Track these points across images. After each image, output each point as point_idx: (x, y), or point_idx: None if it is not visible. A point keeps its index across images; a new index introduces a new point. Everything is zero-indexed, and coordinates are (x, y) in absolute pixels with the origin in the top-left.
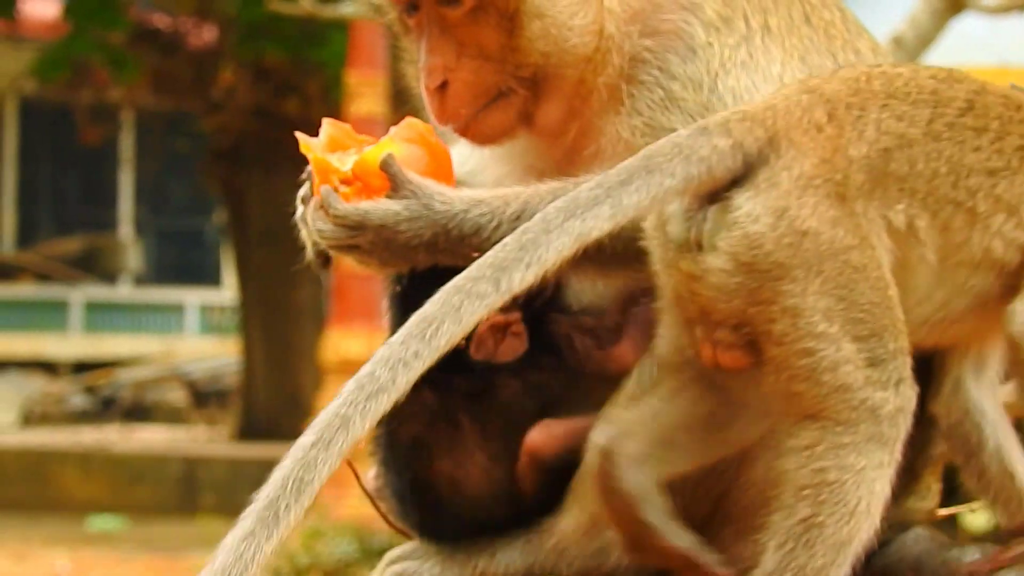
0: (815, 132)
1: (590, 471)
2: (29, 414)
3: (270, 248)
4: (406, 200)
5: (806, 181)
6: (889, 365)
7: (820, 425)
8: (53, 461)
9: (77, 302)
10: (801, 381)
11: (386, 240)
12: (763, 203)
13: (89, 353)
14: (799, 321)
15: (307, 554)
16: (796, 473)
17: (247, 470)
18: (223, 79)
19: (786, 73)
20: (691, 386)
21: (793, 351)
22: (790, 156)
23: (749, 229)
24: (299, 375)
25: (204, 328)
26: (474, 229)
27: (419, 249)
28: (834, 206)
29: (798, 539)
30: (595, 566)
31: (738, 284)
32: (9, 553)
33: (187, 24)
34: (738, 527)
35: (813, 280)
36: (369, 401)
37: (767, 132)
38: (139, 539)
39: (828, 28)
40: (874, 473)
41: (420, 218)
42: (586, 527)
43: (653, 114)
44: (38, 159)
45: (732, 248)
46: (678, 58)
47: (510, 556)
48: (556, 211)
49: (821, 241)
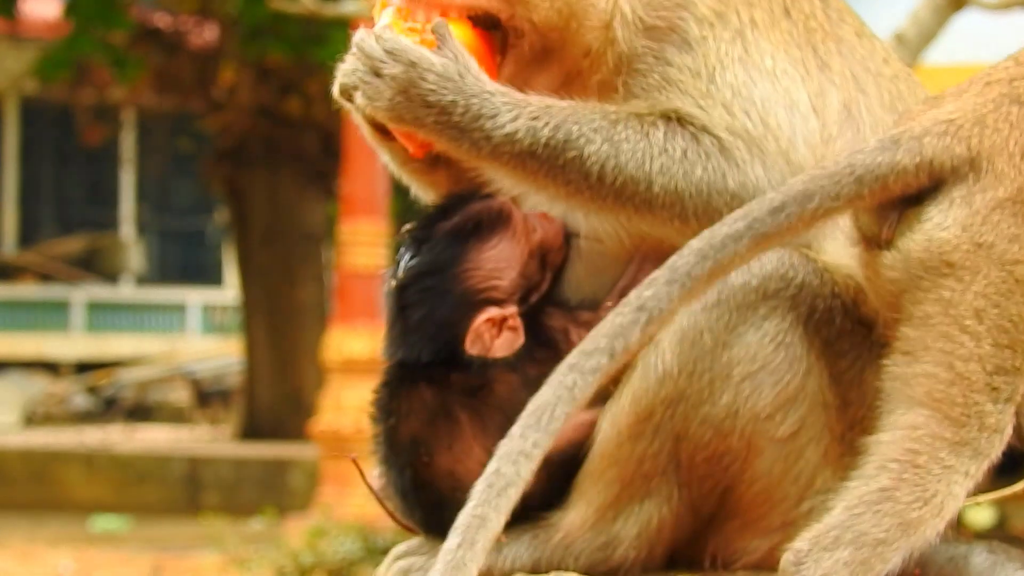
0: (1019, 159)
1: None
2: (32, 414)
3: (272, 247)
4: (445, 59)
5: (998, 203)
6: (1009, 378)
7: (930, 414)
8: (56, 461)
9: (79, 302)
10: (932, 364)
11: (408, 81)
12: (953, 216)
13: (91, 353)
14: (951, 310)
15: (311, 553)
16: (888, 446)
17: (250, 470)
18: (225, 79)
19: (777, 66)
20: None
21: (935, 334)
22: (989, 180)
23: (934, 235)
24: (302, 374)
25: (206, 328)
26: (492, 112)
27: (432, 110)
28: (1016, 224)
29: (870, 506)
30: (602, 559)
31: (905, 277)
32: (13, 553)
33: (188, 23)
34: (744, 520)
35: (978, 282)
36: (499, 497)
37: (970, 152)
38: (143, 539)
39: (807, 21)
40: (958, 477)
41: (449, 79)
42: (592, 521)
43: (650, 95)
44: (40, 159)
45: (911, 248)
46: (674, 49)
47: (516, 551)
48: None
49: (994, 252)
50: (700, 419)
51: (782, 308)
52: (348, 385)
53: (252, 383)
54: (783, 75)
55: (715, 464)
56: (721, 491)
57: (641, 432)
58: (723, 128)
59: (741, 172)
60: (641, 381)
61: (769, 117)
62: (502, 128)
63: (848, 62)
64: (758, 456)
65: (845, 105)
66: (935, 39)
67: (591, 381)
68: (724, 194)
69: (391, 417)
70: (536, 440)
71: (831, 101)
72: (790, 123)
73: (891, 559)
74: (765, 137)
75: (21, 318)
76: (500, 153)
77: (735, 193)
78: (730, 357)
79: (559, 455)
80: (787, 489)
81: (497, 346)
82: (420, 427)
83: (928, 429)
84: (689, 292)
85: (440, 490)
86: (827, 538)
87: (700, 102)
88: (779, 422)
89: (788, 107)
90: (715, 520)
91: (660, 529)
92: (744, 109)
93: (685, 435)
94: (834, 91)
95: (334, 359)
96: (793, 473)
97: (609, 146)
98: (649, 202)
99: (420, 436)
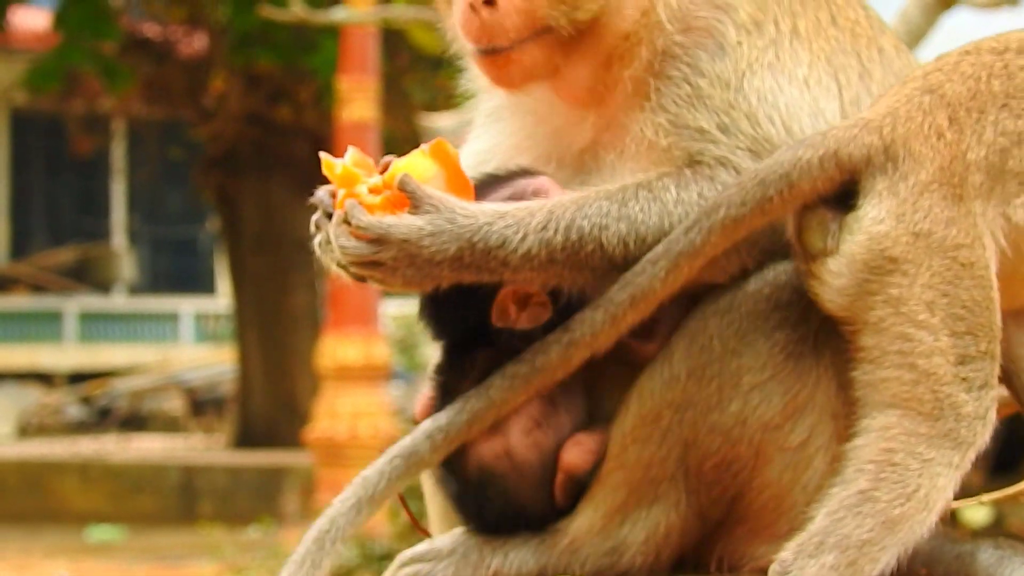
0: (935, 139)
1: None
2: (26, 425)
3: (264, 255)
4: (428, 215)
5: (923, 187)
6: (977, 364)
7: (901, 412)
8: (51, 472)
9: (72, 312)
10: (893, 367)
11: (410, 256)
12: (885, 208)
13: (85, 363)
14: (901, 308)
15: None
16: (863, 450)
17: (246, 477)
18: (215, 87)
19: (811, 75)
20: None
21: (890, 336)
22: (908, 165)
23: (872, 231)
24: (296, 382)
25: (199, 336)
26: (500, 241)
27: (444, 265)
28: (949, 207)
29: (850, 509)
30: (608, 564)
31: (853, 283)
32: (10, 565)
33: (178, 33)
34: (752, 527)
35: (922, 274)
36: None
37: (883, 140)
38: (139, 548)
39: (854, 27)
40: (941, 469)
41: (444, 232)
42: (600, 526)
43: (679, 111)
44: (30, 170)
45: (853, 251)
46: (707, 55)
47: (523, 556)
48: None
49: (933, 240)
50: (709, 426)
51: (793, 318)
52: (342, 392)
53: (246, 391)
54: (816, 84)
55: (724, 471)
56: (730, 498)
57: (648, 436)
58: (743, 149)
59: None
60: (647, 382)
61: (793, 124)
62: (515, 252)
63: (887, 73)
64: (767, 464)
65: None
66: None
67: (507, 384)
68: None
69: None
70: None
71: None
72: (813, 130)
73: (881, 558)
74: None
75: (14, 329)
76: (522, 271)
77: None
78: (739, 364)
79: (590, 473)
80: (795, 497)
81: (523, 319)
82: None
83: (901, 427)
84: (613, 318)
85: (487, 467)
86: (810, 545)
87: (724, 118)
88: (788, 431)
89: (813, 115)
90: (723, 526)
91: (668, 534)
92: (768, 115)
93: (694, 441)
94: (870, 102)
95: (328, 366)
96: (802, 482)
97: (626, 224)
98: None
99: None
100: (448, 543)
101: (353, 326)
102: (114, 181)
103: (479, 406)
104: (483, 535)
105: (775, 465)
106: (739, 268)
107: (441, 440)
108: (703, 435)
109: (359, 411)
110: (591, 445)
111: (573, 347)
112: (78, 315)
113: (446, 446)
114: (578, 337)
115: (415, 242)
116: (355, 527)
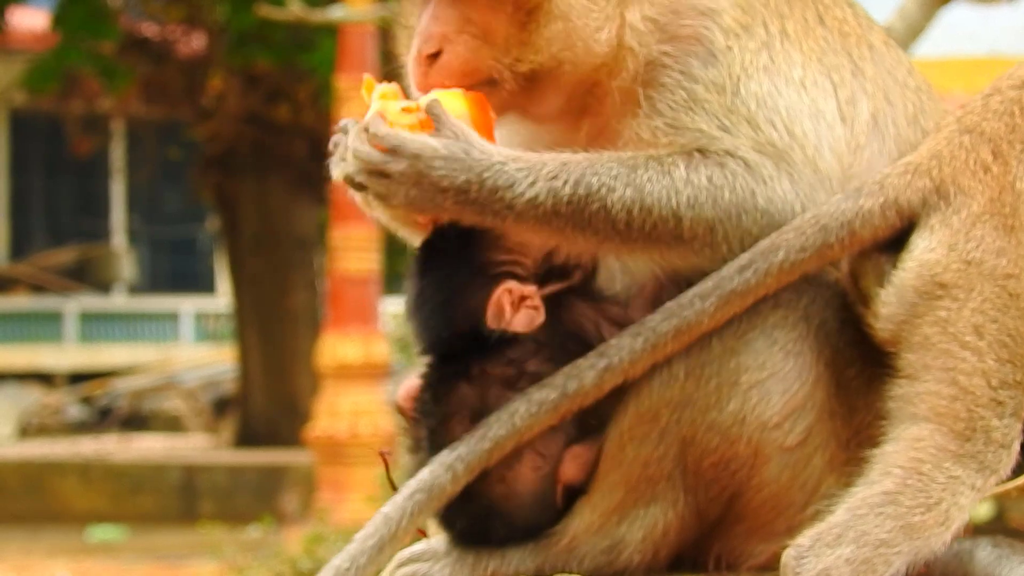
0: (982, 173)
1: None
2: (26, 426)
3: (264, 254)
4: (446, 139)
5: (975, 218)
6: (1012, 392)
7: (934, 427)
8: (52, 473)
9: (72, 313)
10: (934, 381)
11: (418, 174)
12: (937, 239)
13: (85, 363)
14: (949, 328)
15: (309, 558)
16: (892, 456)
17: (246, 477)
18: (213, 86)
19: (807, 76)
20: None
21: (935, 352)
22: (960, 200)
23: (923, 259)
24: (296, 381)
25: (199, 336)
26: (509, 183)
27: (448, 193)
28: (1000, 237)
29: (872, 507)
30: (606, 563)
31: (901, 309)
32: (11, 566)
33: (176, 32)
34: (750, 525)
35: (973, 299)
36: (408, 500)
37: (933, 181)
38: (140, 548)
39: (842, 26)
40: (964, 489)
41: (456, 159)
42: (598, 525)
43: (676, 115)
44: (30, 170)
45: (903, 279)
46: (699, 62)
47: (521, 556)
48: (658, 313)
49: (984, 268)
50: (707, 425)
51: (793, 318)
52: (342, 391)
53: (246, 390)
54: (812, 85)
55: (722, 470)
56: (728, 497)
57: (646, 435)
58: (748, 147)
59: (769, 188)
60: (645, 381)
61: (795, 126)
62: (522, 196)
63: (879, 70)
64: (766, 463)
65: (873, 115)
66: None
67: (534, 411)
68: (754, 212)
69: (432, 418)
70: (460, 455)
71: (861, 110)
72: (816, 132)
73: (894, 562)
74: (791, 147)
75: (14, 330)
76: (525, 219)
77: (764, 210)
78: (738, 364)
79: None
80: (794, 495)
81: (516, 321)
82: (463, 430)
83: (932, 441)
84: (653, 347)
85: (490, 498)
86: (829, 535)
87: (724, 121)
88: (787, 431)
89: (814, 116)
90: (721, 525)
91: (665, 533)
92: (769, 119)
93: (692, 440)
94: (864, 100)
95: (328, 365)
96: (800, 480)
97: (633, 191)
98: (680, 236)
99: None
100: (445, 543)
101: (353, 325)
102: (113, 181)
103: (501, 434)
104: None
105: (773, 464)
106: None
107: (462, 471)
108: (701, 434)
109: (359, 409)
110: (588, 457)
111: (608, 373)
112: (78, 315)
113: (467, 476)
114: (615, 363)
115: (426, 160)
116: (376, 566)
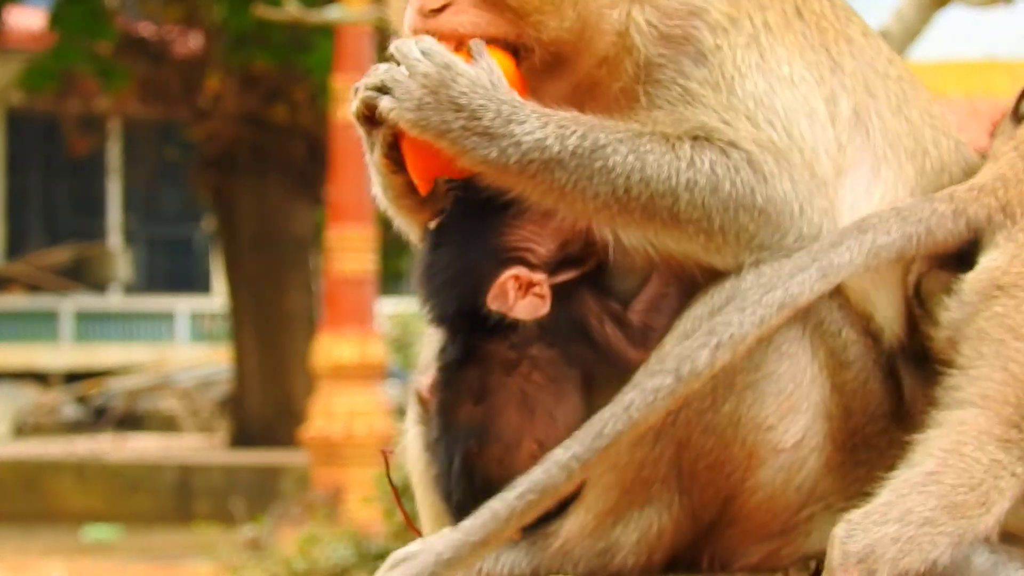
0: None
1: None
2: (22, 425)
3: (260, 254)
4: (478, 68)
5: None
6: None
7: (979, 411)
8: (48, 472)
9: (67, 312)
10: (987, 367)
11: (440, 82)
12: (1001, 252)
13: (80, 363)
14: (1005, 321)
15: (304, 559)
16: (935, 440)
17: (241, 477)
18: (210, 87)
19: (794, 72)
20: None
21: (989, 341)
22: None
23: (985, 266)
24: (291, 381)
25: (195, 336)
26: (523, 119)
27: (461, 113)
28: None
29: (915, 487)
30: (600, 565)
31: (960, 313)
32: (6, 565)
33: (173, 32)
34: (745, 527)
35: None
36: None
37: (999, 201)
38: (135, 548)
39: (819, 21)
40: (1005, 474)
41: (480, 85)
42: (592, 527)
43: (675, 108)
44: (26, 170)
45: (964, 287)
46: (691, 61)
47: (515, 558)
48: (754, 287)
49: None
50: (702, 427)
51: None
52: (338, 391)
53: (242, 390)
54: (801, 82)
55: (717, 472)
56: (723, 499)
57: (641, 437)
58: (751, 141)
59: (769, 186)
60: None
61: (793, 127)
62: (532, 134)
63: (859, 63)
64: (760, 466)
65: (855, 110)
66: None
67: (650, 401)
68: (752, 210)
69: (440, 401)
70: (576, 454)
71: (842, 107)
72: (812, 133)
73: (939, 543)
74: (791, 149)
75: (9, 329)
76: (528, 161)
77: (762, 209)
78: (733, 365)
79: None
80: (789, 498)
81: (519, 307)
82: (469, 412)
83: (977, 425)
84: (761, 320)
85: (489, 480)
86: (876, 513)
87: (724, 116)
88: (782, 432)
89: (809, 116)
90: (715, 527)
91: (660, 535)
92: (768, 119)
93: (687, 442)
94: (845, 96)
95: (323, 365)
96: (795, 483)
97: (635, 157)
98: (676, 216)
99: (471, 422)
100: (440, 543)
101: (349, 325)
102: (110, 181)
103: (619, 428)
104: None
105: (768, 466)
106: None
107: (578, 469)
108: (696, 436)
109: (355, 410)
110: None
111: (720, 351)
112: (74, 315)
113: (582, 474)
114: (725, 340)
115: (453, 74)
116: (476, 559)
